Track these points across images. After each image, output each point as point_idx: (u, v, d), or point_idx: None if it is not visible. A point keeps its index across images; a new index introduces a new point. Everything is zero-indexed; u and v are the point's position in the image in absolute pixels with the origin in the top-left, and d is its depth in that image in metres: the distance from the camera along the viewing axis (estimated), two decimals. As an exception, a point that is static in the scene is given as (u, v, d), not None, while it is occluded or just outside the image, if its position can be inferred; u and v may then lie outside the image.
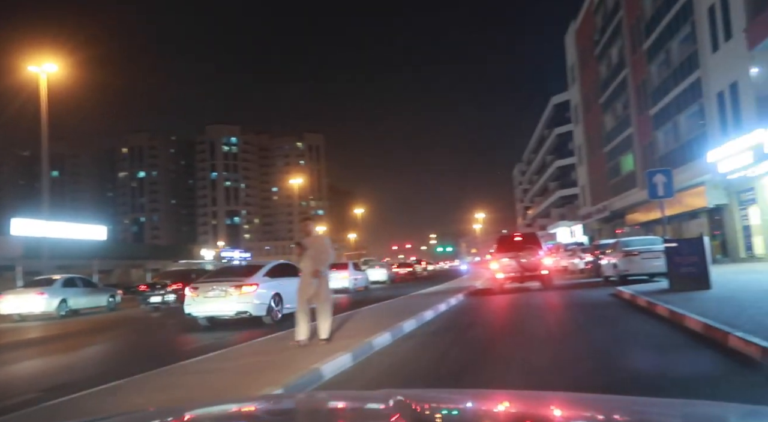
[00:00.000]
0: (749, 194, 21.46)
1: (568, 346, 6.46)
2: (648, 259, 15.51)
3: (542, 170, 67.25)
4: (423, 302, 13.38)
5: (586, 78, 41.99)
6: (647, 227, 32.25)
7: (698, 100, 22.19)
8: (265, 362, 5.97)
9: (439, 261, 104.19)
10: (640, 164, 30.77)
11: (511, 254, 16.43)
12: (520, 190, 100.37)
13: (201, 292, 10.99)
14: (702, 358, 5.18)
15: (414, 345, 7.16)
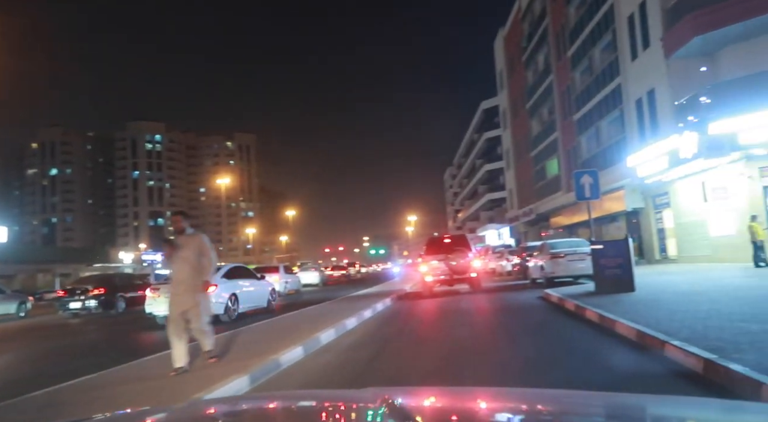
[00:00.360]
0: (664, 198, 22.39)
1: (500, 359, 5.89)
2: (574, 261, 15.57)
3: (472, 173, 68.52)
4: (348, 307, 12.62)
5: (514, 84, 42.97)
6: (571, 229, 33.25)
7: (619, 107, 22.95)
8: (140, 390, 4.92)
9: (372, 264, 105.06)
10: (564, 168, 31.65)
11: (440, 257, 16.00)
12: (451, 193, 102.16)
13: (162, 293, 11.46)
14: (640, 370, 4.71)
15: (329, 362, 6.34)
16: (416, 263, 16.29)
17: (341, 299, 16.71)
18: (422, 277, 16.28)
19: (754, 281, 10.99)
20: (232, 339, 8.02)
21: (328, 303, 15.03)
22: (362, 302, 13.84)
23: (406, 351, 6.90)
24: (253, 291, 13.79)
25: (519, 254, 22.98)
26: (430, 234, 37.07)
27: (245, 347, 7.12)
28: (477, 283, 16.20)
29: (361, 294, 18.88)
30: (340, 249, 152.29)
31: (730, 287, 10.08)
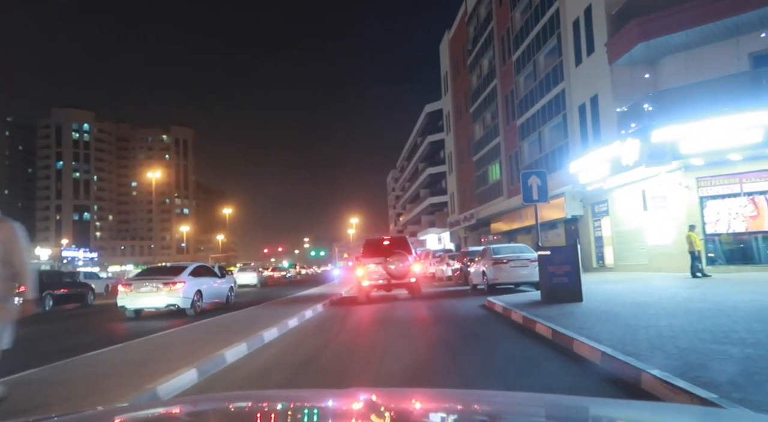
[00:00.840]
0: (603, 206, 22.42)
1: (442, 386, 4.81)
2: (517, 267, 14.95)
3: (415, 176, 68.24)
4: (275, 313, 11.33)
5: (458, 87, 42.80)
6: (510, 236, 33.22)
7: (562, 112, 22.83)
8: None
9: (312, 265, 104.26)
10: (506, 174, 31.52)
11: (378, 260, 14.93)
12: (393, 196, 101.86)
13: (134, 288, 12.88)
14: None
15: (226, 390, 5.04)
16: (353, 265, 15.06)
17: (270, 303, 15.32)
18: (358, 281, 15.16)
19: (698, 293, 10.62)
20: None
21: (255, 308, 13.60)
22: (292, 308, 12.56)
23: (331, 374, 5.71)
24: (215, 288, 14.92)
25: (460, 259, 22.35)
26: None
27: (120, 370, 5.69)
28: (416, 289, 15.25)
29: (293, 297, 17.57)
30: (279, 250, 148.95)
31: (679, 299, 9.59)
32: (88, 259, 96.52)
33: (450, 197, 47.99)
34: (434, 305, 13.19)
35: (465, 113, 40.81)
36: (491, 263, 15.14)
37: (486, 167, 35.14)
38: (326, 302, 14.51)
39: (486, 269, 15.46)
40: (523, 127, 27.52)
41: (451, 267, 25.05)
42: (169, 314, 13.16)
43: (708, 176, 16.55)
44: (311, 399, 1.94)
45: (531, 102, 26.16)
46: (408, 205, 76.41)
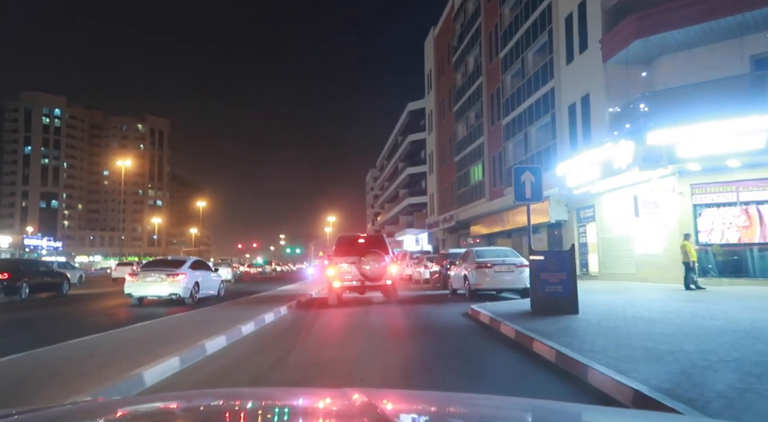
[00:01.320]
0: (589, 212, 21.56)
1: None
2: (501, 273, 13.87)
3: (394, 176, 67.12)
4: (231, 316, 9.97)
5: (442, 85, 41.78)
6: (489, 239, 32.27)
7: (550, 112, 21.91)
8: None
9: (288, 263, 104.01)
10: (489, 175, 30.56)
11: (351, 259, 13.66)
12: (372, 196, 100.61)
13: (140, 278, 14.28)
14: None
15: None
16: (324, 264, 13.81)
17: (232, 302, 13.94)
18: (329, 282, 13.86)
19: (702, 308, 9.63)
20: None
21: (211, 308, 12.22)
22: (254, 309, 11.22)
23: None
24: (210, 281, 16.13)
25: (439, 262, 21.22)
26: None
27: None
28: (392, 292, 14.02)
29: (260, 296, 16.22)
30: (254, 246, 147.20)
31: (685, 314, 8.56)
32: (52, 248, 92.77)
33: (429, 197, 46.97)
34: (411, 311, 11.97)
35: (448, 111, 39.80)
36: (474, 267, 14.02)
37: (468, 167, 34.15)
38: (292, 304, 13.18)
39: (468, 274, 14.33)
40: (509, 127, 26.57)
41: (429, 270, 23.93)
42: (168, 303, 14.41)
43: (703, 183, 15.73)
44: (302, 397, 1.89)
45: (518, 101, 25.21)
46: (386, 205, 75.22)
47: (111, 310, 13.60)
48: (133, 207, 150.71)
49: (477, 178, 32.56)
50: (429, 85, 46.91)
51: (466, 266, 14.75)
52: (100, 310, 13.92)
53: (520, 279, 13.80)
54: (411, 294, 17.32)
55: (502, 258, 14.20)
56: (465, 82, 34.57)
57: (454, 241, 39.64)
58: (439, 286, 20.29)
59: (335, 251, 14.12)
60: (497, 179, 29.12)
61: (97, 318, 11.57)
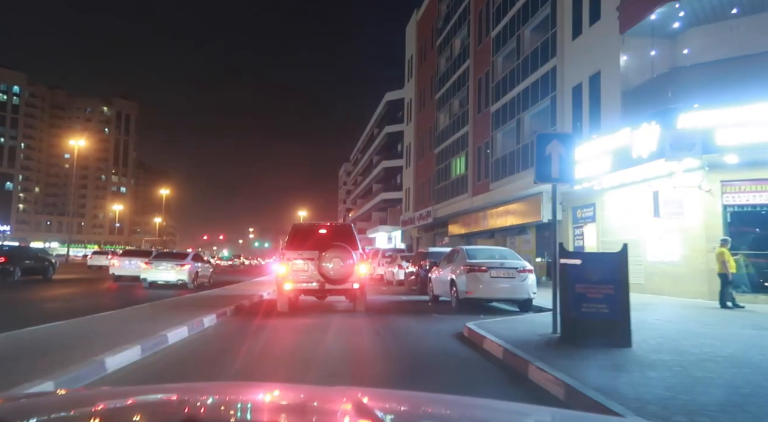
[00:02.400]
0: (588, 211, 18.94)
1: None
2: (498, 279, 10.99)
3: (368, 170, 64.05)
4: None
5: (424, 72, 38.93)
6: (468, 239, 29.54)
7: (550, 95, 19.20)
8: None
9: (257, 256, 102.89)
10: (472, 168, 27.81)
11: (309, 255, 10.58)
12: (344, 191, 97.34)
13: (153, 266, 17.73)
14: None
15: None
16: (279, 259, 10.53)
17: (140, 307, 10.70)
18: (278, 283, 10.72)
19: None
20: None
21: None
22: (172, 316, 8.03)
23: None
24: (204, 270, 19.42)
25: (416, 262, 18.29)
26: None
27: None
28: (360, 298, 10.97)
29: (205, 295, 12.94)
30: (220, 238, 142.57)
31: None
32: (0, 232, 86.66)
33: (405, 193, 44.09)
34: (385, 328, 8.94)
35: (429, 100, 36.96)
36: (465, 271, 11.10)
37: (449, 160, 31.36)
38: (227, 311, 10.02)
39: (456, 278, 11.40)
40: (498, 114, 23.84)
41: (404, 270, 21.01)
42: (178, 286, 17.34)
43: (737, 180, 13.18)
44: (296, 393, 1.85)
45: (510, 85, 22.48)
46: (359, 200, 72.06)
47: (124, 291, 15.93)
48: (95, 193, 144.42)
49: (459, 171, 29.79)
50: (409, 73, 43.97)
51: (454, 268, 11.83)
52: (115, 291, 16.48)
53: (522, 288, 10.97)
54: (383, 299, 14.32)
55: (500, 260, 11.33)
56: (449, 67, 31.74)
57: (429, 240, 36.84)
58: (416, 290, 17.37)
59: (288, 243, 10.99)
60: (482, 173, 26.38)
61: (121, 296, 14.19)
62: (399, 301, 14.56)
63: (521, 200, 21.89)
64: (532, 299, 11.19)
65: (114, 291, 16.30)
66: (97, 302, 11.69)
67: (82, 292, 15.73)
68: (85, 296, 14.27)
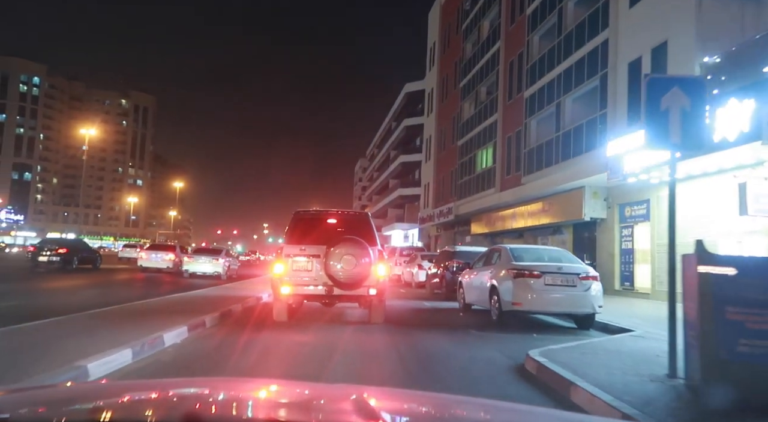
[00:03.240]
0: (640, 208, 16.39)
1: None
2: (555, 287, 8.59)
3: (385, 165, 61.70)
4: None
5: (447, 59, 36.44)
6: (492, 239, 27.05)
7: (599, 74, 16.64)
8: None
9: (272, 252, 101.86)
10: (501, 160, 25.31)
11: (314, 250, 8.29)
12: (360, 187, 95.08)
13: (194, 260, 21.28)
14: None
15: None
16: (277, 256, 8.09)
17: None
18: (274, 285, 8.42)
19: None
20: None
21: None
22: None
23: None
24: (233, 263, 23.03)
25: (441, 263, 15.91)
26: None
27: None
28: (377, 308, 8.64)
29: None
30: (234, 233, 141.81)
31: None
32: (12, 221, 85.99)
33: (424, 188, 41.67)
34: (412, 352, 6.57)
35: (452, 89, 34.48)
36: (511, 276, 8.69)
37: (473, 152, 28.88)
38: (207, 319, 7.77)
39: (499, 285, 9.00)
40: (533, 99, 21.32)
41: (424, 271, 18.68)
42: (214, 277, 20.31)
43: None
44: (300, 390, 1.85)
45: (549, 66, 19.94)
46: (375, 196, 69.67)
47: (165, 279, 18.66)
48: (112, 185, 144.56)
49: (485, 164, 27.30)
50: (431, 61, 41.49)
51: (495, 272, 9.43)
52: (159, 279, 18.75)
53: (585, 299, 8.55)
54: (403, 306, 11.97)
55: (555, 264, 8.90)
56: (476, 51, 29.21)
57: (449, 238, 34.41)
58: (440, 294, 15.03)
59: (288, 235, 8.69)
60: (512, 166, 23.89)
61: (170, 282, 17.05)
62: (422, 309, 12.21)
63: (558, 196, 19.39)
64: (593, 314, 8.79)
65: (157, 280, 18.48)
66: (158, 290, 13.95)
67: (131, 280, 18.49)
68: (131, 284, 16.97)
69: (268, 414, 1.42)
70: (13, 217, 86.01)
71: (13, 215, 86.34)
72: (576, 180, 17.64)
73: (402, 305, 12.29)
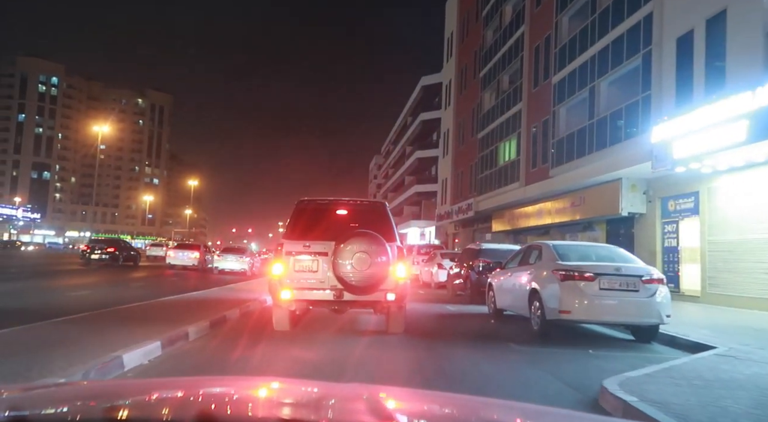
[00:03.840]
0: (686, 202, 14.71)
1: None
2: (614, 291, 7.07)
3: (400, 161, 60.23)
4: None
5: (466, 48, 34.83)
6: (514, 237, 25.48)
7: (642, 52, 14.96)
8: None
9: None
10: (526, 152, 23.70)
11: (319, 247, 6.89)
12: (374, 185, 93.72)
13: (223, 257, 24.19)
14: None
15: None
16: (276, 254, 6.59)
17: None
18: (272, 289, 7.01)
19: None
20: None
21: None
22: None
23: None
24: (256, 261, 26.22)
25: (463, 261, 14.40)
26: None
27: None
28: (396, 316, 7.20)
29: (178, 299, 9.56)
30: (249, 231, 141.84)
31: None
32: (29, 219, 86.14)
33: (441, 184, 40.12)
34: (441, 376, 5.11)
35: (472, 79, 32.87)
36: (558, 278, 7.18)
37: (495, 145, 27.27)
38: (200, 327, 6.42)
39: (543, 289, 7.50)
40: (563, 85, 19.69)
41: (444, 271, 17.21)
42: (240, 273, 22.90)
43: None
44: (312, 389, 1.80)
45: (581, 47, 18.30)
46: (390, 194, 68.20)
47: (192, 275, 20.38)
48: (128, 184, 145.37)
49: (508, 157, 25.68)
50: (449, 52, 39.87)
51: (535, 273, 7.93)
52: (187, 275, 20.41)
53: (651, 307, 7.02)
54: (424, 311, 10.51)
55: (613, 264, 7.36)
56: (498, 37, 27.58)
57: (468, 236, 32.85)
58: (464, 297, 13.55)
59: (289, 229, 7.29)
60: (538, 158, 22.28)
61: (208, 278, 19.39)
62: (446, 314, 10.74)
63: (591, 189, 17.77)
64: (657, 325, 7.26)
65: (186, 276, 20.07)
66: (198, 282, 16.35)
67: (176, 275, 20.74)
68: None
69: (284, 414, 1.38)
70: (30, 216, 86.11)
71: (30, 213, 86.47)
72: (612, 172, 16.00)
73: (422, 309, 10.83)
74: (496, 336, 7.87)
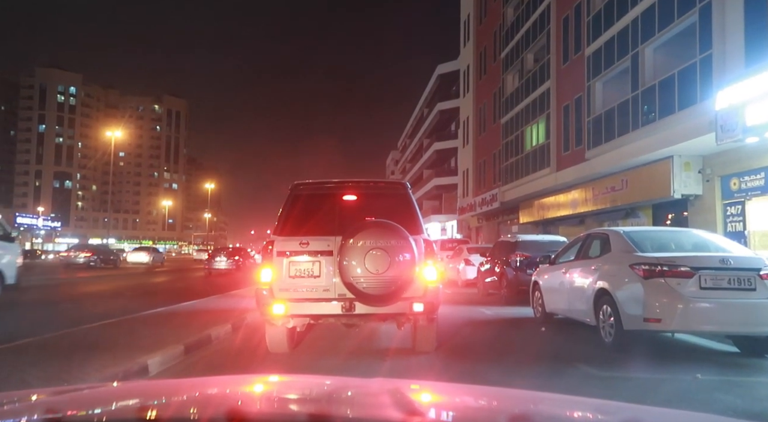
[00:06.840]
0: (756, 179, 12.65)
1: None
2: (721, 291, 5.17)
3: (418, 155, 58.37)
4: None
5: (485, 29, 32.80)
6: (545, 227, 23.52)
7: (698, 6, 12.90)
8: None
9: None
10: (557, 135, 21.69)
11: (320, 244, 5.19)
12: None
13: (217, 258, 25.82)
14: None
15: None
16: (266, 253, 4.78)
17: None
18: (262, 303, 5.31)
19: None
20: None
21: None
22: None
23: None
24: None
25: (497, 256, 12.58)
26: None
27: None
28: (426, 329, 5.47)
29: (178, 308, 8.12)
30: (267, 233, 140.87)
31: None
32: (49, 228, 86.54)
33: (462, 175, 38.17)
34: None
35: (492, 62, 30.87)
36: (639, 275, 5.35)
37: (521, 129, 25.29)
38: (167, 355, 4.78)
39: (617, 289, 5.67)
40: (598, 56, 17.66)
41: (473, 267, 15.45)
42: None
43: None
44: (334, 385, 1.78)
45: (620, 11, 16.26)
46: (408, 189, 66.40)
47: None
48: (148, 190, 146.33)
49: (536, 141, 23.69)
50: (466, 36, 37.84)
51: (603, 268, 6.10)
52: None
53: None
54: (455, 316, 8.70)
55: (716, 255, 5.49)
56: (520, 13, 25.57)
57: (492, 229, 30.93)
58: (496, 296, 11.75)
59: (281, 222, 5.58)
60: (571, 140, 20.28)
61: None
62: (484, 320, 8.93)
63: (635, 170, 15.77)
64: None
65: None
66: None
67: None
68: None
69: (313, 409, 1.40)
70: (50, 224, 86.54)
71: (50, 222, 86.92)
72: (662, 148, 13.98)
73: (453, 313, 9.06)
74: (557, 352, 6.05)
